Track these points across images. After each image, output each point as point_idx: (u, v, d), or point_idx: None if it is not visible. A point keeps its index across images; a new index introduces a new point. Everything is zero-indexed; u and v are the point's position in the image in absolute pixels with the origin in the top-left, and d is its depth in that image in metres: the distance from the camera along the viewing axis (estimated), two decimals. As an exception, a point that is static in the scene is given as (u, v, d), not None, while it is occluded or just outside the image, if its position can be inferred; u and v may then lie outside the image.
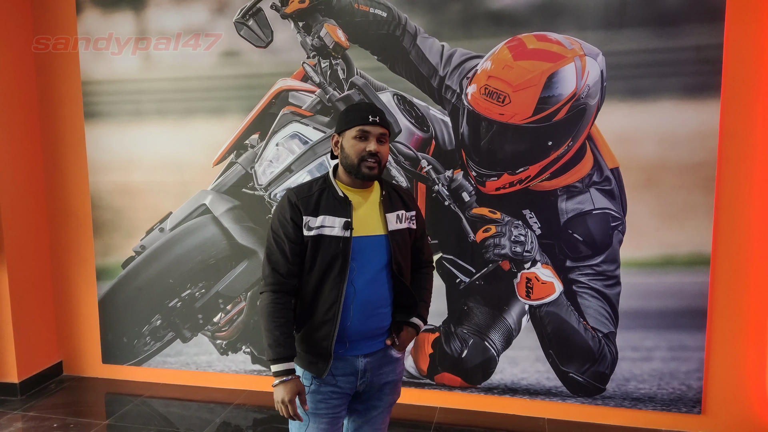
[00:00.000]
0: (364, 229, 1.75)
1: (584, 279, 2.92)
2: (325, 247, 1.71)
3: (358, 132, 1.71)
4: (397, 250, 1.78)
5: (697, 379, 2.87)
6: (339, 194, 1.75)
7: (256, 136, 3.25)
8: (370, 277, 1.74)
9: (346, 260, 1.70)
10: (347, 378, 1.78)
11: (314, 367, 1.75)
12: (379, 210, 1.79)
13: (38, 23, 3.49)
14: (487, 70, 2.88)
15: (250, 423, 3.12)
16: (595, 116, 2.81)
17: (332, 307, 1.71)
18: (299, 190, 1.76)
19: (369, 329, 1.77)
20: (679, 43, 2.71)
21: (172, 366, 3.54)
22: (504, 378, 3.09)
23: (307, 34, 3.09)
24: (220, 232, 3.33)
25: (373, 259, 1.75)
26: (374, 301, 1.75)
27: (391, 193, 1.84)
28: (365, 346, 1.79)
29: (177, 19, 3.29)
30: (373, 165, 1.71)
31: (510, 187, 2.94)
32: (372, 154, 1.70)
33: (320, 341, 1.73)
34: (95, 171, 3.53)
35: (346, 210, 1.73)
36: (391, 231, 1.77)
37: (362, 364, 1.78)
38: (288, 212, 1.73)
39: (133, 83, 3.40)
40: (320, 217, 1.71)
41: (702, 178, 2.76)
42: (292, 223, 1.72)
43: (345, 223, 1.71)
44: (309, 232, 1.71)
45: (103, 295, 3.59)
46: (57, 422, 3.12)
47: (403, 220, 1.82)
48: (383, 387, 1.84)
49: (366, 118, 1.71)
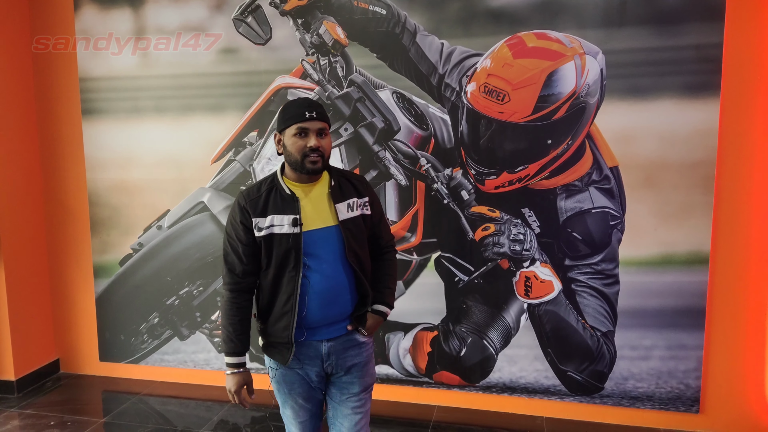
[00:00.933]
0: (314, 222, 1.80)
1: (583, 278, 2.92)
2: (277, 245, 1.77)
3: (297, 129, 1.75)
4: (351, 238, 1.82)
5: (696, 378, 2.87)
6: (286, 192, 1.80)
7: (255, 133, 3.24)
8: (326, 268, 1.79)
9: (299, 255, 1.76)
10: (312, 361, 1.86)
11: (278, 355, 1.85)
12: (328, 201, 1.83)
13: (36, 21, 3.47)
14: (487, 68, 2.87)
15: (248, 421, 3.12)
16: (594, 115, 2.81)
17: (289, 300, 1.78)
18: (248, 193, 1.83)
19: (329, 316, 1.83)
20: (679, 42, 2.70)
21: (169, 364, 3.54)
22: (502, 376, 3.09)
23: (306, 31, 3.07)
24: (218, 230, 3.32)
25: (327, 251, 1.80)
26: (332, 291, 1.81)
27: (341, 182, 1.87)
28: (327, 332, 1.85)
29: (175, 17, 3.27)
30: (316, 159, 1.75)
31: (509, 185, 2.94)
32: (313, 150, 1.74)
33: (281, 332, 1.81)
34: (93, 168, 3.52)
35: (294, 206, 1.78)
36: (342, 221, 1.81)
37: (326, 348, 1.85)
38: (238, 216, 1.80)
39: (131, 80, 3.39)
40: (269, 217, 1.78)
41: (701, 177, 2.76)
42: (242, 226, 1.79)
43: (293, 219, 1.77)
44: (260, 233, 1.78)
45: (100, 292, 3.58)
46: (54, 420, 3.11)
47: (355, 208, 1.85)
48: (351, 369, 1.89)
49: (303, 115, 1.74)
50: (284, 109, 1.81)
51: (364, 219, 1.88)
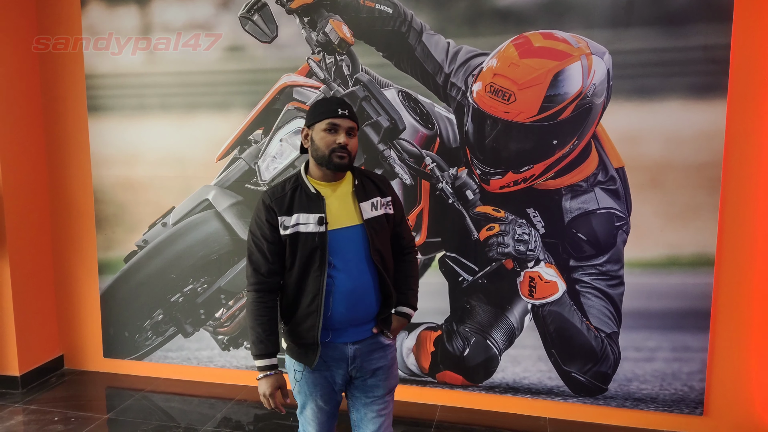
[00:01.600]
0: (339, 221, 1.79)
1: (588, 279, 2.91)
2: (303, 244, 1.76)
3: (328, 125, 1.75)
4: (375, 237, 1.81)
5: (700, 380, 2.86)
6: (311, 190, 1.79)
7: (260, 131, 3.25)
8: (351, 267, 1.79)
9: (324, 254, 1.75)
10: (338, 364, 1.84)
11: (304, 357, 1.82)
12: (352, 200, 1.82)
13: (42, 19, 3.48)
14: (493, 68, 2.87)
15: (251, 419, 3.12)
16: (600, 115, 2.80)
17: (315, 300, 1.76)
18: (272, 191, 1.82)
19: (354, 317, 1.81)
20: (686, 43, 2.69)
21: (173, 361, 3.54)
22: (506, 377, 3.09)
23: (312, 29, 3.07)
24: (222, 228, 3.32)
25: (352, 250, 1.79)
26: (357, 291, 1.79)
27: (364, 181, 1.87)
28: (352, 334, 1.84)
29: (181, 15, 3.28)
30: (343, 155, 1.75)
31: (514, 185, 2.93)
32: (342, 146, 1.74)
33: (306, 332, 1.79)
34: (98, 165, 3.52)
35: (319, 205, 1.77)
36: (366, 219, 1.81)
37: (351, 351, 1.84)
38: (263, 214, 1.79)
39: (136, 77, 3.39)
40: (294, 215, 1.77)
41: (707, 178, 2.75)
42: (268, 225, 1.78)
43: (319, 218, 1.76)
44: (285, 231, 1.77)
45: (104, 289, 3.59)
46: (58, 416, 3.12)
47: (378, 207, 1.85)
48: (376, 372, 1.87)
49: (335, 111, 1.75)
50: (316, 104, 1.81)
51: (387, 218, 1.88)
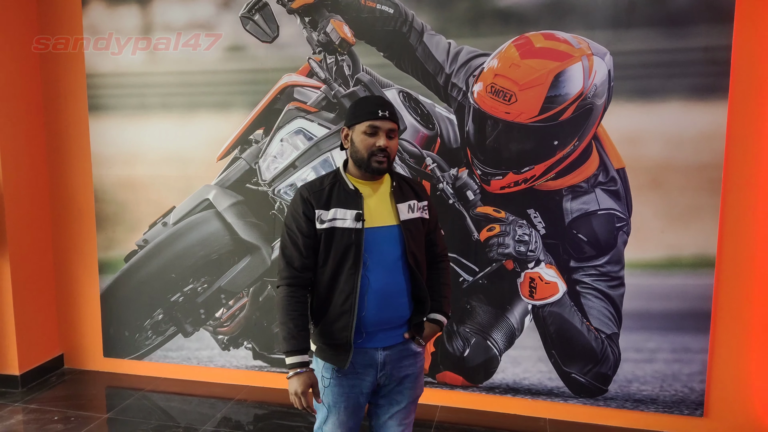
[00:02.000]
0: (376, 219, 1.77)
1: (588, 279, 2.91)
2: (338, 240, 1.74)
3: (368, 127, 1.72)
4: (410, 239, 1.79)
5: (700, 381, 2.85)
6: (349, 187, 1.77)
7: (261, 131, 3.24)
8: (385, 268, 1.76)
9: (359, 251, 1.73)
10: (367, 370, 1.80)
11: (335, 358, 1.77)
12: (390, 200, 1.81)
13: (43, 18, 3.48)
14: (494, 69, 2.87)
15: (251, 419, 3.12)
16: (601, 116, 2.80)
17: (348, 298, 1.73)
18: (311, 185, 1.80)
19: (386, 319, 1.78)
20: (687, 44, 2.69)
21: (173, 360, 3.54)
22: (506, 377, 3.08)
23: (313, 29, 3.07)
24: (223, 227, 3.32)
25: (386, 250, 1.77)
26: (390, 292, 1.77)
27: (401, 184, 1.86)
28: (384, 338, 1.80)
29: (182, 14, 3.28)
30: (382, 159, 1.73)
31: (515, 186, 2.93)
32: (381, 150, 1.72)
33: (339, 332, 1.75)
34: (99, 164, 3.52)
35: (357, 202, 1.75)
36: (403, 221, 1.79)
37: (381, 357, 1.80)
38: (300, 207, 1.77)
39: (137, 77, 3.39)
40: (332, 210, 1.74)
41: (708, 179, 2.74)
42: (305, 218, 1.75)
43: (356, 214, 1.74)
44: (321, 225, 1.74)
45: (105, 288, 3.59)
46: (58, 415, 3.12)
47: (415, 210, 1.83)
48: (403, 380, 1.85)
49: (375, 113, 1.72)
50: (356, 104, 1.78)
51: (422, 223, 1.86)
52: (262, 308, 3.35)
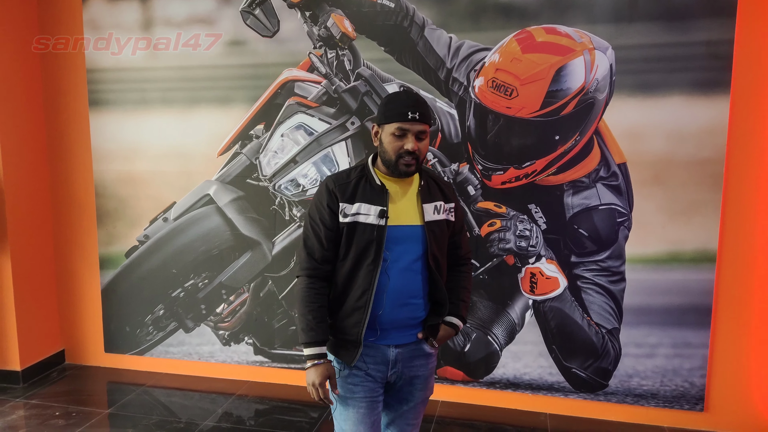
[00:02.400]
0: (400, 218, 1.74)
1: (589, 275, 2.91)
2: (360, 235, 1.71)
3: (397, 129, 1.68)
4: (433, 241, 1.76)
5: (701, 376, 2.86)
6: (376, 182, 1.74)
7: (261, 126, 3.24)
8: (404, 267, 1.74)
9: (380, 248, 1.70)
10: (378, 366, 1.78)
11: (344, 353, 1.77)
12: (416, 200, 1.77)
13: (43, 16, 3.46)
14: (495, 63, 2.86)
15: (251, 414, 3.12)
16: (603, 111, 2.79)
17: (364, 295, 1.72)
18: (337, 177, 1.77)
19: (400, 318, 1.76)
20: (689, 38, 2.68)
21: (174, 356, 3.54)
22: (506, 373, 3.09)
23: (313, 23, 3.06)
24: (223, 223, 3.32)
25: (408, 249, 1.74)
26: (407, 292, 1.75)
27: (430, 183, 1.82)
28: (397, 336, 1.78)
29: (182, 9, 3.26)
30: (410, 162, 1.69)
31: (516, 181, 2.93)
32: (410, 153, 1.68)
33: (351, 328, 1.74)
34: (99, 160, 3.52)
35: (383, 198, 1.72)
36: (427, 222, 1.76)
37: (393, 355, 1.78)
38: (325, 198, 1.74)
39: (138, 72, 3.38)
40: (356, 204, 1.72)
41: (710, 174, 2.74)
42: (329, 210, 1.73)
43: (380, 211, 1.71)
44: (344, 219, 1.72)
45: (106, 284, 3.59)
46: (59, 410, 3.12)
47: (441, 211, 1.80)
48: (413, 380, 1.83)
49: (405, 115, 1.67)
50: (387, 102, 1.73)
51: (447, 224, 1.82)
52: (263, 304, 3.35)
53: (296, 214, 3.23)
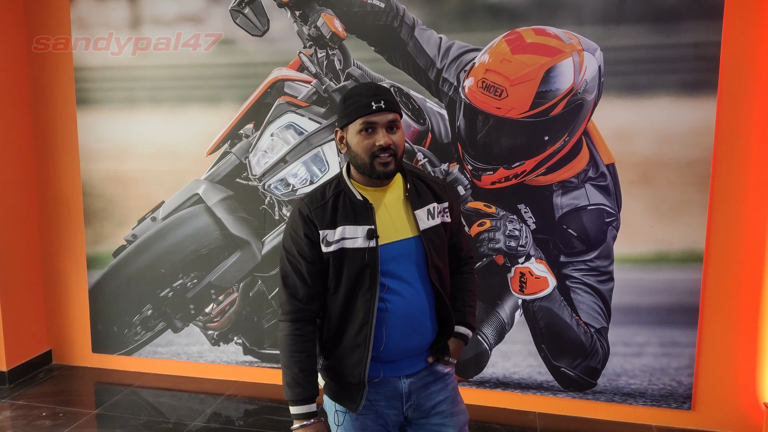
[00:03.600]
0: (392, 234, 1.52)
1: (578, 274, 2.93)
2: (350, 263, 1.49)
3: (362, 125, 1.46)
4: (433, 251, 1.55)
5: (688, 375, 2.88)
6: (357, 197, 1.51)
7: (251, 125, 3.23)
8: (406, 289, 1.52)
9: (375, 274, 1.48)
10: (390, 403, 1.56)
11: (347, 399, 1.54)
12: (405, 208, 1.55)
13: (30, 16, 3.42)
14: (485, 64, 2.87)
15: (241, 414, 3.11)
16: (591, 112, 2.81)
17: (363, 329, 1.49)
18: (311, 200, 1.53)
19: (411, 347, 1.56)
20: (677, 40, 2.70)
21: (162, 356, 3.52)
22: (496, 372, 3.10)
23: (303, 23, 3.06)
24: (213, 222, 3.31)
25: (406, 268, 1.53)
26: (414, 317, 1.53)
27: (417, 184, 1.60)
28: (406, 365, 1.57)
29: (172, 8, 3.24)
30: (387, 160, 1.46)
31: (506, 181, 2.94)
32: (384, 149, 1.46)
33: (351, 369, 1.52)
34: (87, 159, 3.49)
35: (368, 215, 1.50)
36: (423, 231, 1.54)
37: (406, 386, 1.57)
38: (301, 228, 1.50)
39: (126, 70, 3.36)
40: (339, 228, 1.49)
41: (697, 175, 2.76)
42: (307, 240, 1.50)
43: (369, 231, 1.49)
44: (328, 248, 1.49)
45: (93, 284, 3.56)
46: (46, 411, 3.10)
47: (435, 215, 1.58)
48: (437, 409, 1.60)
49: (368, 106, 1.45)
50: (345, 98, 1.50)
51: (444, 228, 1.61)
52: (252, 303, 3.34)
53: (286, 214, 3.22)
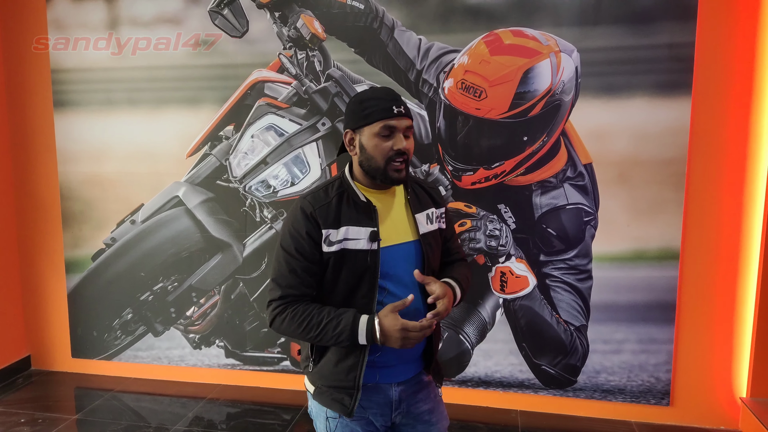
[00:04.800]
0: (393, 236, 1.52)
1: (557, 273, 2.96)
2: (350, 264, 1.48)
3: (383, 128, 1.45)
4: (430, 255, 1.56)
5: (666, 371, 2.93)
6: (361, 199, 1.51)
7: (231, 127, 3.21)
8: (405, 293, 1.50)
9: (375, 276, 1.48)
10: (380, 409, 1.57)
11: (338, 404, 1.53)
12: (406, 211, 1.57)
13: (5, 15, 3.38)
14: (464, 65, 2.89)
15: (223, 417, 3.10)
16: (569, 112, 2.84)
17: None
18: (315, 198, 1.51)
19: (407, 352, 1.54)
20: (652, 41, 2.74)
21: (143, 360, 3.49)
22: (478, 371, 3.12)
23: (283, 24, 3.05)
24: (193, 225, 3.29)
25: (405, 271, 1.52)
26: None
27: (416, 189, 1.62)
28: (402, 372, 1.58)
29: (150, 8, 3.22)
30: (401, 166, 1.47)
31: (485, 181, 2.96)
32: (401, 153, 1.46)
33: (346, 373, 1.51)
34: (65, 161, 3.45)
35: (371, 217, 1.49)
36: (422, 234, 1.55)
37: (396, 394, 1.58)
38: (303, 226, 1.48)
39: (103, 72, 3.32)
40: (342, 228, 1.48)
41: (672, 174, 2.81)
42: (308, 239, 1.47)
43: (372, 233, 1.48)
44: (330, 248, 1.47)
45: (72, 288, 3.52)
46: (24, 417, 3.06)
47: (433, 220, 1.60)
48: (422, 417, 1.62)
49: (390, 111, 1.44)
50: (363, 101, 1.48)
51: (440, 233, 1.63)
52: (234, 306, 3.33)
53: (267, 216, 3.21)
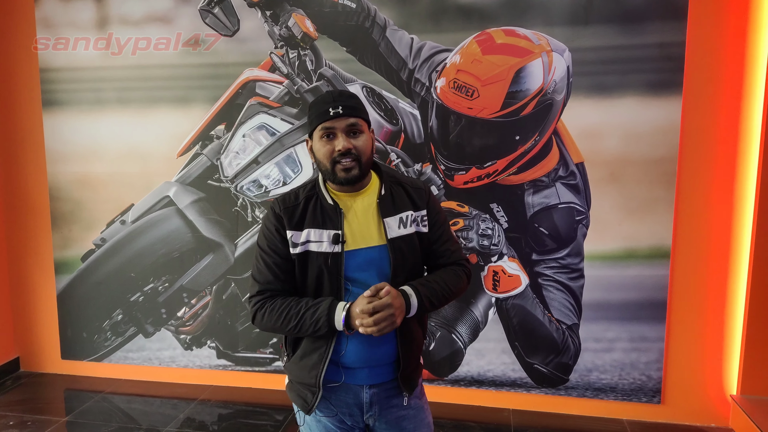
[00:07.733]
0: (360, 240, 1.51)
1: (549, 272, 2.96)
2: (313, 266, 1.49)
3: (322, 131, 1.47)
4: (401, 261, 1.52)
5: (657, 369, 2.94)
6: (328, 201, 1.52)
7: (222, 126, 3.20)
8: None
9: (338, 279, 1.48)
10: (350, 409, 1.57)
11: (301, 400, 1.57)
12: (376, 215, 1.53)
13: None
14: (456, 64, 2.89)
15: (215, 418, 3.08)
16: (561, 111, 2.85)
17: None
18: (284, 199, 1.54)
19: (374, 357, 1.54)
20: (643, 41, 2.76)
21: (134, 362, 3.47)
22: (470, 370, 3.12)
23: (274, 23, 3.04)
24: (184, 225, 3.27)
25: (373, 276, 1.51)
26: None
27: (395, 190, 1.57)
28: (368, 376, 1.56)
29: (140, 7, 3.19)
30: (349, 165, 1.45)
31: (478, 181, 2.96)
32: (344, 153, 1.45)
33: (308, 370, 1.53)
34: (54, 161, 3.42)
35: (336, 220, 1.50)
36: (391, 239, 1.51)
37: (367, 396, 1.56)
38: (273, 224, 1.52)
39: (93, 71, 3.30)
40: (305, 231, 1.50)
41: (663, 173, 2.82)
42: (279, 236, 1.52)
43: (334, 236, 1.48)
44: (294, 249, 1.50)
45: (61, 289, 3.49)
46: (13, 420, 3.03)
47: (408, 224, 1.54)
48: (397, 422, 1.60)
49: (327, 113, 1.45)
50: (309, 108, 1.52)
51: (419, 238, 1.57)
52: (226, 306, 3.31)
53: (259, 215, 3.20)
